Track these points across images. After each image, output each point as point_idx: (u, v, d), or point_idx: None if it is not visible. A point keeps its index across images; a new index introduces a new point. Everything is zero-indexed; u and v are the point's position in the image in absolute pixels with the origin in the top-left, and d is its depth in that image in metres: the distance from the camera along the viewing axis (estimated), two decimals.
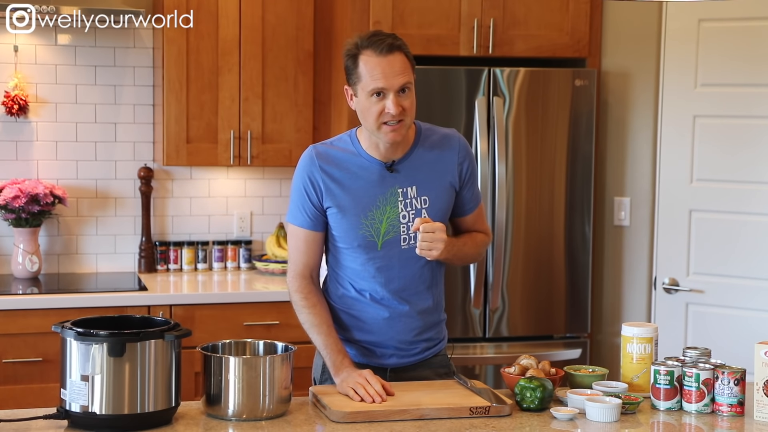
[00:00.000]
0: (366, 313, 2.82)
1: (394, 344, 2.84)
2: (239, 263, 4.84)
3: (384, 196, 2.75)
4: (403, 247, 2.76)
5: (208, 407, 2.51)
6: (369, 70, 2.63)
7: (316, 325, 2.77)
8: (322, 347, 2.76)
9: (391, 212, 2.74)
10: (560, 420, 2.54)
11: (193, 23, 4.44)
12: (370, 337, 2.84)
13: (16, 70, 4.55)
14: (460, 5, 4.38)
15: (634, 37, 4.55)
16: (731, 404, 2.59)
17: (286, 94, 4.57)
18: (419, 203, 2.76)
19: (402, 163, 2.77)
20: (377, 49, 2.63)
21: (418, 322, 2.84)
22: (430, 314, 2.87)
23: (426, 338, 2.88)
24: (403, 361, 2.86)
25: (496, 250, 4.33)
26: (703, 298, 4.30)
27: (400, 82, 2.64)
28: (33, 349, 4.03)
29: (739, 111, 4.20)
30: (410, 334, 2.84)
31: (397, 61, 2.64)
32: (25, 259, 4.47)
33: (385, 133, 2.67)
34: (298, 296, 2.81)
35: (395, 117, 2.64)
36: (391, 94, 2.64)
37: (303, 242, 2.81)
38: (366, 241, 2.75)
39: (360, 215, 2.74)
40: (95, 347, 2.36)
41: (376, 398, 2.58)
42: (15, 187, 4.40)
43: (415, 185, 2.76)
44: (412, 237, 2.76)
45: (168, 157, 4.47)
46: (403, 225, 2.75)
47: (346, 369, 2.70)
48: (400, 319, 2.82)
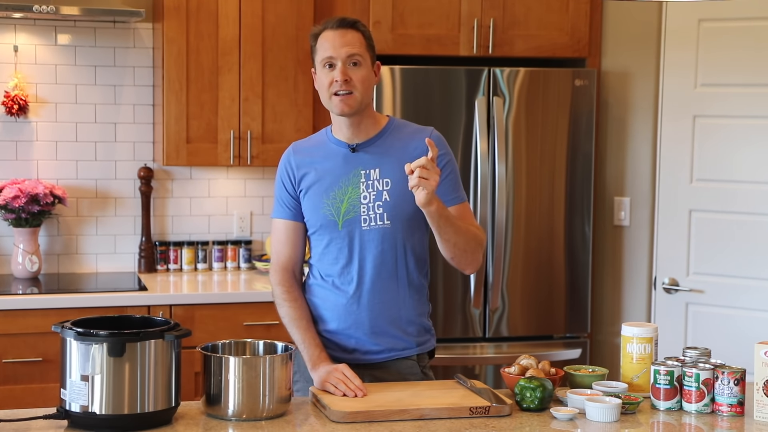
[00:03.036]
0: (327, 300, 2.85)
1: (353, 335, 2.82)
2: (239, 263, 4.84)
3: (347, 177, 2.81)
4: (364, 228, 2.80)
5: (208, 407, 2.51)
6: (322, 43, 2.79)
7: (296, 319, 2.82)
8: (299, 341, 2.79)
9: (353, 192, 2.80)
10: (560, 420, 2.54)
11: (193, 23, 4.44)
12: (330, 325, 2.85)
13: (16, 70, 4.55)
14: (460, 5, 4.38)
15: (634, 37, 4.55)
16: (731, 404, 2.59)
17: (286, 94, 4.58)
18: (381, 185, 2.80)
19: (367, 146, 2.84)
20: (331, 25, 2.80)
21: (378, 312, 2.81)
22: (396, 308, 2.83)
23: (391, 335, 2.83)
24: (365, 357, 2.84)
25: (496, 250, 4.33)
26: (702, 298, 4.30)
27: (347, 51, 2.75)
28: (33, 349, 4.03)
29: (739, 111, 4.20)
30: (371, 325, 2.81)
31: (348, 34, 2.78)
32: (25, 259, 4.47)
33: (335, 104, 2.77)
34: (280, 289, 2.86)
35: (343, 86, 2.74)
36: (339, 62, 2.75)
37: (284, 234, 2.88)
38: (327, 220, 2.81)
39: (323, 195, 2.82)
40: (95, 347, 2.36)
41: (358, 393, 2.61)
42: (15, 187, 4.40)
43: (379, 168, 2.81)
44: (372, 218, 2.79)
45: (168, 157, 4.47)
46: (364, 206, 2.79)
47: (323, 364, 2.72)
48: (359, 305, 2.81)
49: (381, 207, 2.79)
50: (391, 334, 2.84)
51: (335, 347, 2.84)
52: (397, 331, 2.85)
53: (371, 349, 2.84)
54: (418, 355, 2.90)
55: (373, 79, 2.81)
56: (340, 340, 2.84)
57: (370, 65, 2.80)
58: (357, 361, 2.83)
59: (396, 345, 2.86)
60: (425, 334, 2.92)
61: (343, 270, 2.82)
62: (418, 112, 4.25)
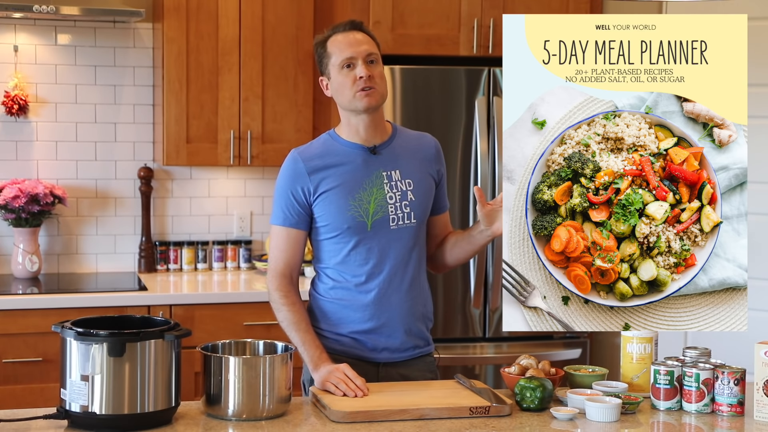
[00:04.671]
0: (355, 301, 2.86)
1: (385, 332, 2.86)
2: (239, 263, 4.84)
3: (369, 179, 2.84)
4: (392, 227, 2.84)
5: (208, 407, 2.51)
6: (337, 47, 2.83)
7: (295, 322, 2.83)
8: (299, 343, 2.80)
9: (378, 193, 2.83)
10: (560, 420, 2.54)
11: (193, 23, 4.44)
12: (360, 326, 2.86)
13: (16, 70, 4.56)
14: (460, 5, 4.38)
15: None
16: (731, 404, 2.59)
17: (286, 94, 4.58)
18: (404, 186, 2.85)
19: (384, 148, 2.88)
20: (341, 29, 2.86)
21: (408, 309, 2.88)
22: (418, 304, 2.91)
23: (416, 332, 2.91)
24: (393, 356, 2.88)
25: (495, 250, 4.33)
26: None
27: (366, 50, 2.82)
28: (33, 349, 4.03)
29: None
30: (402, 323, 2.87)
31: (359, 35, 2.85)
32: (25, 259, 4.47)
33: (361, 99, 2.80)
34: (278, 294, 2.87)
35: (367, 81, 2.79)
36: (360, 61, 2.80)
37: (285, 241, 2.88)
38: (355, 222, 2.82)
39: (348, 197, 2.82)
40: (95, 347, 2.37)
41: (358, 392, 2.62)
42: (15, 187, 4.40)
43: (399, 169, 2.86)
44: (400, 218, 2.83)
45: (168, 157, 4.47)
46: (391, 206, 2.83)
47: (324, 364, 2.74)
48: (390, 304, 2.85)
49: (408, 206, 2.85)
50: (417, 330, 2.91)
51: (363, 348, 2.87)
52: (422, 328, 2.94)
53: (401, 347, 2.89)
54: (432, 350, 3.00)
55: (385, 76, 2.89)
56: (370, 340, 2.87)
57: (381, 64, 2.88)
58: (386, 360, 2.88)
59: (419, 342, 2.93)
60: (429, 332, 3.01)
61: (373, 269, 2.85)
62: (418, 112, 4.25)
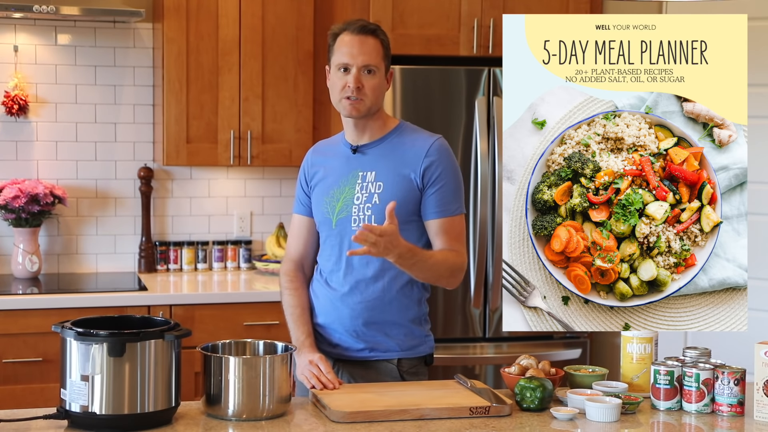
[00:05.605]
0: (320, 294, 2.94)
1: (337, 329, 2.89)
2: (239, 263, 4.84)
3: (346, 177, 2.89)
4: (353, 228, 2.84)
5: (208, 407, 2.51)
6: (340, 47, 2.83)
7: (291, 306, 2.92)
8: (290, 325, 2.91)
9: (348, 192, 2.87)
10: (560, 420, 2.54)
11: (193, 23, 4.44)
12: (318, 318, 2.94)
13: (16, 70, 4.55)
14: (460, 5, 4.38)
15: None
16: (731, 404, 2.59)
17: (286, 94, 4.58)
18: (374, 188, 2.84)
19: (369, 149, 2.89)
20: (352, 29, 2.83)
21: (360, 311, 2.85)
22: (378, 309, 2.85)
23: (370, 335, 2.86)
24: (346, 354, 2.89)
25: (496, 250, 4.33)
26: None
27: (364, 60, 2.80)
28: (33, 349, 4.03)
29: None
30: (351, 323, 2.86)
31: (367, 42, 2.81)
32: (25, 259, 4.47)
33: (344, 107, 2.83)
34: (285, 278, 2.97)
35: (353, 92, 2.79)
36: (354, 69, 2.80)
37: (297, 229, 3.00)
38: (324, 218, 2.90)
39: (324, 193, 2.91)
40: (95, 347, 2.37)
41: (328, 385, 2.67)
42: (15, 187, 4.40)
43: (375, 170, 2.86)
44: (362, 219, 2.83)
45: (168, 157, 4.47)
46: (355, 206, 2.85)
47: (305, 351, 2.81)
48: (343, 302, 2.87)
49: (370, 209, 2.83)
50: (370, 334, 2.88)
51: (322, 340, 2.93)
52: (378, 333, 2.87)
53: (352, 347, 2.89)
54: (399, 359, 2.89)
55: (384, 87, 2.86)
56: (326, 333, 2.93)
57: (384, 74, 2.85)
58: (339, 356, 2.91)
59: (378, 346, 2.88)
60: (413, 340, 2.91)
61: (334, 267, 2.90)
62: (418, 112, 4.25)
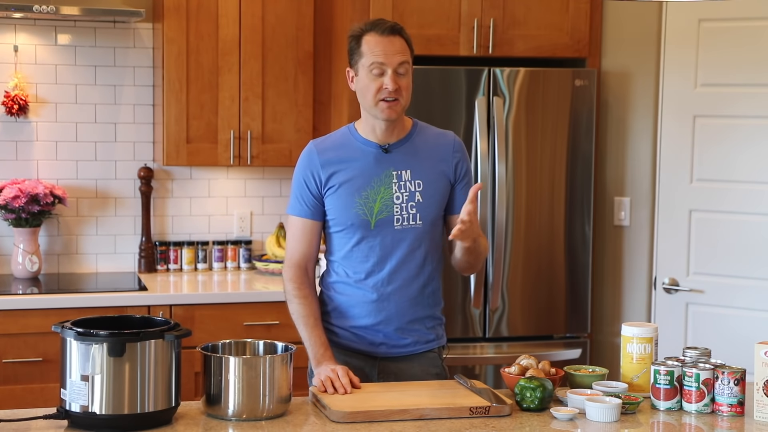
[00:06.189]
0: (354, 297, 2.91)
1: (383, 330, 2.90)
2: (239, 263, 4.84)
3: (379, 177, 2.86)
4: (396, 227, 2.85)
5: (208, 407, 2.51)
6: (371, 48, 2.80)
7: (304, 316, 2.87)
8: (305, 338, 2.86)
9: (385, 193, 2.85)
10: (560, 420, 2.54)
11: (193, 23, 4.44)
12: (358, 321, 2.91)
13: (16, 70, 4.55)
14: (460, 5, 4.38)
15: (634, 37, 4.55)
16: (731, 404, 2.59)
17: (286, 94, 4.58)
18: (413, 186, 2.86)
19: (398, 148, 2.89)
20: (379, 30, 2.81)
21: (407, 309, 2.90)
22: (419, 304, 2.93)
23: (415, 329, 2.93)
24: (391, 351, 2.92)
25: (496, 250, 4.33)
26: (703, 298, 4.30)
27: (399, 59, 2.80)
28: (33, 349, 4.03)
29: (739, 111, 4.20)
30: (399, 321, 2.90)
31: (397, 41, 2.81)
32: (25, 259, 4.47)
33: (382, 110, 2.81)
34: (291, 285, 2.91)
35: (392, 93, 2.79)
36: (390, 70, 2.79)
37: (300, 231, 2.92)
38: (359, 219, 2.85)
39: (354, 194, 2.85)
40: (95, 347, 2.37)
41: (339, 390, 2.66)
42: (15, 187, 4.40)
43: (410, 169, 2.87)
44: (405, 218, 2.85)
45: (168, 157, 4.47)
46: (397, 206, 2.85)
47: (326, 362, 2.78)
48: (389, 302, 2.89)
49: (414, 207, 2.86)
50: (415, 328, 2.93)
51: (363, 341, 2.92)
52: (421, 326, 2.94)
53: (398, 343, 2.92)
54: (438, 347, 3.00)
55: (412, 85, 2.87)
56: (369, 334, 2.92)
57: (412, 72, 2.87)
58: (384, 354, 2.92)
59: (421, 338, 2.95)
60: (440, 328, 3.02)
61: (374, 268, 2.88)
62: (418, 112, 4.23)
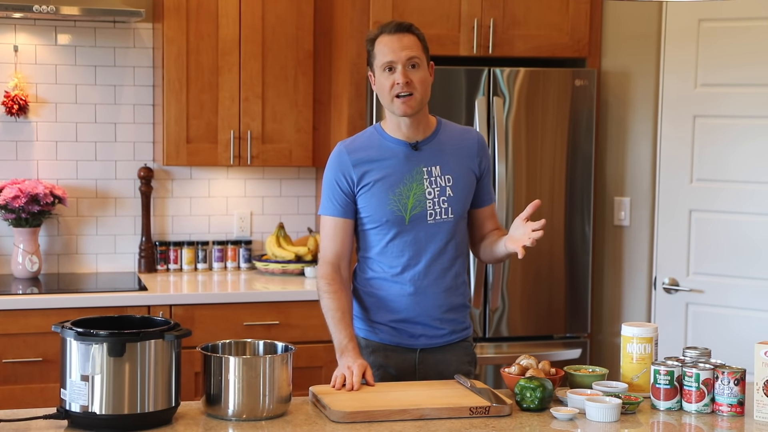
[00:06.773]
0: (392, 291, 2.98)
1: (422, 321, 2.98)
2: (239, 263, 4.84)
3: (410, 174, 2.94)
4: (429, 222, 2.95)
5: (208, 407, 2.51)
6: (381, 48, 2.91)
7: (331, 309, 2.93)
8: (332, 329, 2.92)
9: (417, 189, 2.94)
10: (560, 420, 2.54)
11: (193, 23, 4.44)
12: (397, 315, 2.99)
13: (16, 70, 4.55)
14: (460, 5, 4.38)
15: (634, 37, 4.55)
16: (731, 404, 2.59)
17: (286, 94, 4.58)
18: (444, 181, 2.95)
19: (426, 144, 2.98)
20: (388, 30, 2.93)
21: (443, 299, 2.99)
22: (454, 294, 3.02)
23: (452, 319, 3.01)
24: (431, 342, 3.00)
25: None
26: (702, 298, 4.30)
27: (407, 54, 2.88)
28: (33, 349, 4.03)
29: (739, 111, 4.20)
30: (437, 311, 2.98)
31: (405, 38, 2.91)
32: (25, 259, 4.47)
33: (398, 106, 2.90)
34: (323, 282, 2.98)
35: (404, 88, 2.87)
36: (399, 66, 2.88)
37: (333, 230, 2.99)
38: (394, 216, 2.93)
39: (388, 191, 2.93)
40: (95, 347, 2.37)
41: (348, 386, 2.70)
42: (15, 187, 4.40)
43: (439, 165, 2.96)
44: (438, 213, 2.94)
45: (168, 157, 4.47)
46: (429, 201, 2.94)
47: (348, 354, 2.83)
48: (426, 294, 2.97)
49: (446, 202, 2.95)
50: (451, 318, 3.01)
51: (403, 335, 2.99)
52: (457, 314, 3.03)
53: (437, 333, 3.00)
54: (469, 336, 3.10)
55: (429, 79, 2.96)
56: (407, 328, 2.99)
57: (427, 66, 2.94)
58: (424, 345, 2.99)
59: (456, 327, 3.04)
60: (469, 317, 3.11)
61: (409, 262, 2.96)
62: None
